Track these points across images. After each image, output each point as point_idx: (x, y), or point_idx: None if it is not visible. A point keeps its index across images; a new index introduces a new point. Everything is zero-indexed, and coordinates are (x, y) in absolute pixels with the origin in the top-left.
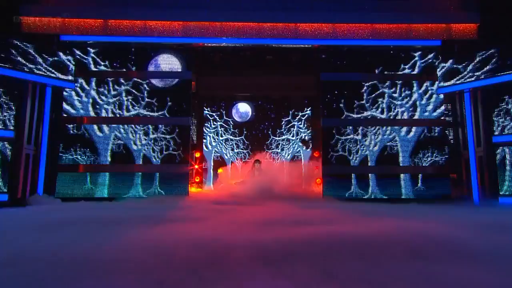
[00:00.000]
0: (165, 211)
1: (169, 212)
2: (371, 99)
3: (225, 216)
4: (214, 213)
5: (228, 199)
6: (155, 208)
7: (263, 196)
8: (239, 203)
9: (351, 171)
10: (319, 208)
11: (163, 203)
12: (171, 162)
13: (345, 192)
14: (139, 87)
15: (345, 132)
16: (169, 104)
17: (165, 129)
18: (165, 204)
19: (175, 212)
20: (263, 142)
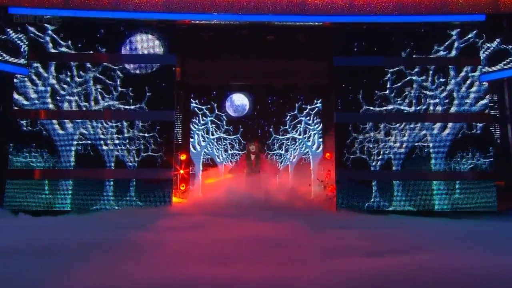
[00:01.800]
0: (135, 230)
1: (138, 233)
2: (396, 89)
3: (213, 237)
4: (195, 237)
5: (217, 210)
6: (125, 225)
7: (260, 204)
8: (230, 215)
9: (371, 177)
10: (342, 228)
11: (137, 218)
12: (151, 166)
13: (364, 203)
14: (110, 74)
15: (364, 130)
16: (148, 95)
17: (143, 126)
18: (139, 219)
19: (148, 233)
20: (263, 142)
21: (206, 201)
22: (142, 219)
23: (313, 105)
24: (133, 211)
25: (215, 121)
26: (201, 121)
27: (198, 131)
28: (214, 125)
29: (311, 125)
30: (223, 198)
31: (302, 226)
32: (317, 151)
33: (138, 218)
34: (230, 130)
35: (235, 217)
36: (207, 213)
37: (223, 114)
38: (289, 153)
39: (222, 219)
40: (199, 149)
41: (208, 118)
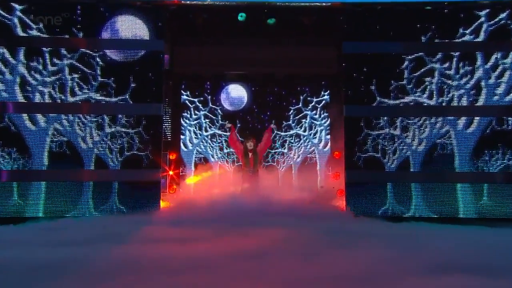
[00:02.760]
0: (93, 246)
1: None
2: (414, 79)
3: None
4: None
5: (209, 214)
6: (89, 238)
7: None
8: (223, 228)
9: (386, 179)
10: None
11: (109, 228)
12: (136, 167)
13: (377, 208)
14: (89, 62)
15: (378, 125)
16: (132, 86)
17: (126, 121)
18: (111, 229)
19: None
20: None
21: (192, 205)
22: (113, 229)
23: (320, 97)
24: (113, 219)
25: (209, 115)
26: (193, 115)
27: (190, 126)
28: (207, 120)
29: (317, 120)
30: (216, 201)
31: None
32: (325, 150)
33: (110, 228)
34: (226, 126)
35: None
36: (189, 220)
37: (218, 108)
38: (293, 151)
39: (204, 230)
40: (190, 147)
41: (201, 112)
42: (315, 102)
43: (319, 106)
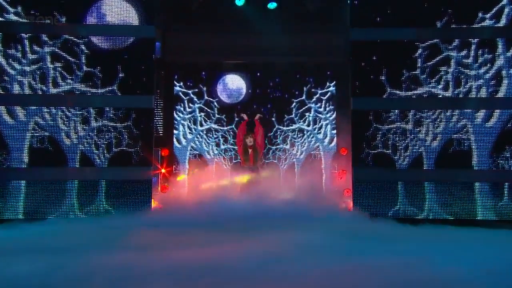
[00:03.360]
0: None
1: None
2: (428, 68)
3: None
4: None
5: (200, 218)
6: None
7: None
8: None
9: (397, 177)
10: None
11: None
12: (125, 164)
13: (388, 209)
14: (73, 49)
15: (388, 119)
16: (120, 76)
17: (114, 114)
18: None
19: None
20: (264, 134)
21: (182, 206)
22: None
23: (325, 89)
24: (97, 221)
25: (204, 108)
26: (187, 108)
27: (184, 121)
28: (203, 114)
29: (322, 113)
30: (210, 202)
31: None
32: (330, 146)
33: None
34: (223, 120)
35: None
36: (176, 223)
37: (214, 100)
38: (295, 148)
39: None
40: (184, 143)
41: (195, 105)
42: (319, 94)
43: (324, 98)
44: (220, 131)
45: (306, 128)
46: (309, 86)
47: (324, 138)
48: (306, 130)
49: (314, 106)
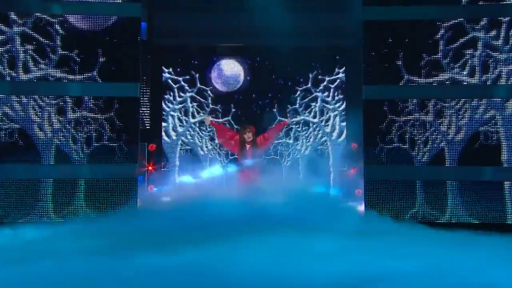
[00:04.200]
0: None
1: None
2: (451, 52)
3: None
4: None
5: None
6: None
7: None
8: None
9: (416, 175)
10: None
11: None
12: (107, 161)
13: (405, 211)
14: (45, 30)
15: (406, 109)
16: (101, 61)
17: (95, 104)
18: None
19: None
20: (264, 127)
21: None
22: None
23: (334, 75)
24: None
25: (197, 98)
26: (177, 98)
27: (174, 112)
28: (195, 104)
29: (330, 103)
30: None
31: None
32: (339, 140)
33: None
34: (218, 111)
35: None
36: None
37: (208, 89)
38: (300, 142)
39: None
40: (174, 137)
41: (187, 94)
42: (327, 81)
43: (332, 86)
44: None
45: (311, 120)
46: (315, 72)
47: (332, 132)
48: (311, 123)
49: (321, 95)
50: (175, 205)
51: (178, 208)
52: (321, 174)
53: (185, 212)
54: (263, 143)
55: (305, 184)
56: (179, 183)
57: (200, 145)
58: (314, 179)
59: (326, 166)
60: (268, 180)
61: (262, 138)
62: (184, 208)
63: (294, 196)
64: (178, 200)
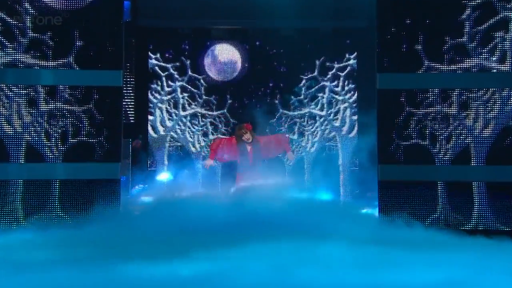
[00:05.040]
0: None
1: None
2: (479, 34)
3: None
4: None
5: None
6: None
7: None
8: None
9: (437, 175)
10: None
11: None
12: (85, 159)
13: (425, 217)
14: (14, 9)
15: (426, 101)
16: (78, 45)
17: (71, 95)
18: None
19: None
20: (264, 121)
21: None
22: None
23: (344, 62)
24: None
25: (188, 87)
26: (165, 87)
27: (161, 103)
28: (186, 95)
29: (339, 94)
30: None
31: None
32: (350, 136)
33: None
34: (211, 103)
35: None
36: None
37: (200, 77)
38: (305, 138)
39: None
40: (163, 133)
41: (176, 83)
42: (336, 69)
43: (342, 74)
44: (209, 117)
45: (318, 113)
46: (322, 58)
47: (342, 126)
48: (318, 116)
49: (330, 84)
50: (165, 208)
51: (169, 212)
52: (329, 174)
53: (176, 217)
54: (264, 148)
55: (310, 186)
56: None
57: (192, 142)
58: (321, 180)
59: (335, 165)
60: (269, 183)
61: (271, 140)
62: (175, 212)
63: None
64: (167, 204)
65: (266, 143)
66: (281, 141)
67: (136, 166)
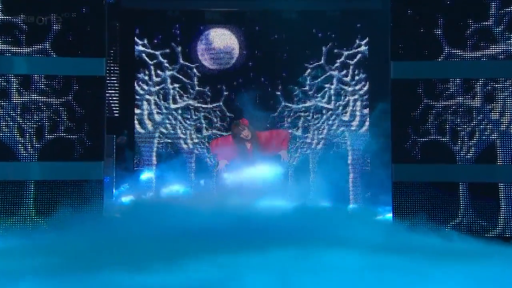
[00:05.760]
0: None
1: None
2: (506, 17)
3: None
4: None
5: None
6: None
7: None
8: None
9: (459, 176)
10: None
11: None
12: (64, 158)
13: (445, 222)
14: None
15: (446, 92)
16: (55, 29)
17: (47, 86)
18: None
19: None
20: (264, 115)
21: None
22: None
23: (354, 48)
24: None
25: (179, 77)
26: (154, 77)
27: (149, 95)
28: (177, 85)
29: (349, 84)
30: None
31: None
32: (360, 131)
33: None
34: (205, 94)
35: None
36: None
37: (193, 66)
38: (310, 134)
39: None
40: (151, 128)
41: (167, 72)
42: (345, 56)
43: (352, 62)
44: (202, 111)
45: (325, 106)
46: (330, 44)
47: (352, 121)
48: (325, 109)
49: (338, 74)
50: (152, 212)
51: (157, 217)
52: (337, 174)
53: (163, 222)
54: (272, 143)
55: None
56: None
57: (184, 138)
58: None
59: (343, 165)
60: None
61: (272, 135)
62: (163, 217)
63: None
64: (154, 207)
65: (267, 139)
66: (281, 136)
67: (120, 166)
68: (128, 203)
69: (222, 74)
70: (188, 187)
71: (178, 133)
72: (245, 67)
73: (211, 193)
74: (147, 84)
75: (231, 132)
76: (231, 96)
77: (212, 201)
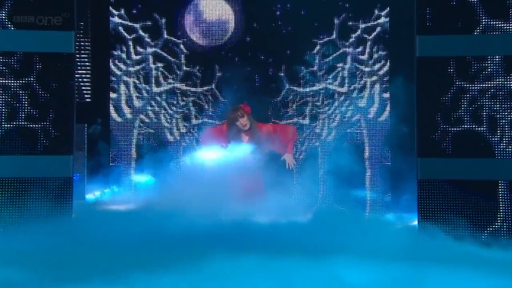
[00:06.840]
0: None
1: None
2: None
3: None
4: None
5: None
6: None
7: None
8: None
9: (497, 173)
10: None
11: None
12: (25, 151)
13: (481, 227)
14: None
15: (483, 72)
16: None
17: (4, 64)
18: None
19: None
20: (265, 102)
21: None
22: None
23: (371, 21)
24: None
25: (163, 55)
26: (132, 55)
27: (128, 76)
28: (161, 64)
29: (366, 64)
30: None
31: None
32: (379, 120)
33: None
34: (194, 75)
35: None
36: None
37: (180, 41)
38: (319, 123)
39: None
40: (129, 116)
41: (148, 50)
42: (362, 30)
43: (369, 38)
44: (191, 95)
45: (337, 90)
46: (343, 16)
47: (369, 107)
48: (338, 93)
49: (352, 51)
50: (131, 216)
51: (135, 221)
52: (351, 171)
53: (143, 227)
54: (275, 139)
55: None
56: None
57: (169, 127)
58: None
59: (359, 159)
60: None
61: (277, 129)
62: (143, 221)
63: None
64: (134, 210)
65: (270, 133)
66: (287, 134)
67: (93, 161)
68: (101, 205)
69: (214, 51)
70: (173, 186)
71: (162, 121)
72: (242, 43)
73: (200, 192)
74: (125, 63)
75: (226, 118)
76: (225, 77)
77: (199, 202)
